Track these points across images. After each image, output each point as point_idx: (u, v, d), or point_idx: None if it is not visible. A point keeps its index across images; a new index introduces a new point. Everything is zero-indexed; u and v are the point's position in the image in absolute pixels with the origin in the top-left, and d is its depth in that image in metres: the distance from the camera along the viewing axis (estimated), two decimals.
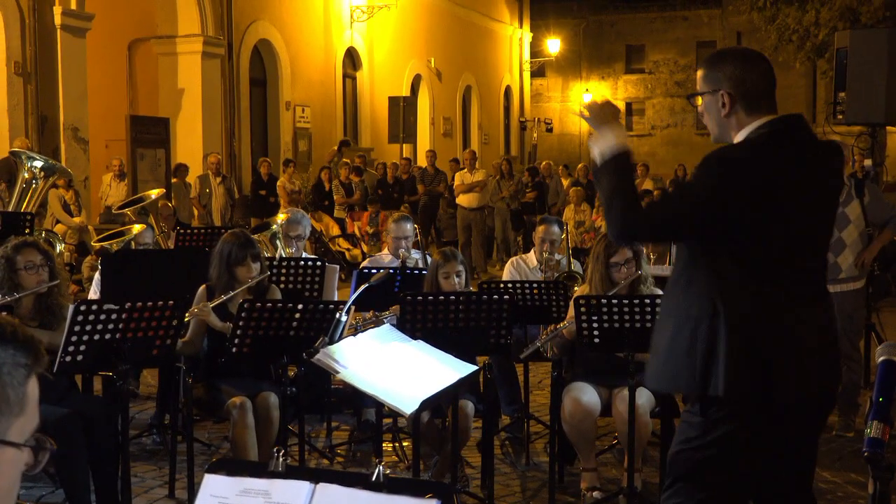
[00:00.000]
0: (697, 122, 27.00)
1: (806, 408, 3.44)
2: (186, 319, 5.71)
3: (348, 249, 16.77)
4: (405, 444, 6.71)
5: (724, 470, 3.35)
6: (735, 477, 3.39)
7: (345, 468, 6.40)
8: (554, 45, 35.63)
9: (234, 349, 5.39)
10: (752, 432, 3.32)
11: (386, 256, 7.57)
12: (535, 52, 34.89)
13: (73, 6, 15.16)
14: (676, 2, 37.50)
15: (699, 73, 3.54)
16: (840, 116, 8.51)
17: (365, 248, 16.35)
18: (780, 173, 3.36)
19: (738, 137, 3.42)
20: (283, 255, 7.60)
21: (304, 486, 2.21)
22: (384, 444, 6.31)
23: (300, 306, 5.50)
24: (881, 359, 2.25)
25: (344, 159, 19.41)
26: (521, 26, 33.19)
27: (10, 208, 9.63)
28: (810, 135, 3.57)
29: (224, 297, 5.84)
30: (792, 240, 3.37)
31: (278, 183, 17.49)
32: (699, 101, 3.52)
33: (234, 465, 2.31)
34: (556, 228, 7.22)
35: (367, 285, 4.88)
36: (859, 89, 8.40)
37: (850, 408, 7.17)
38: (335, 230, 17.16)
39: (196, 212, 16.56)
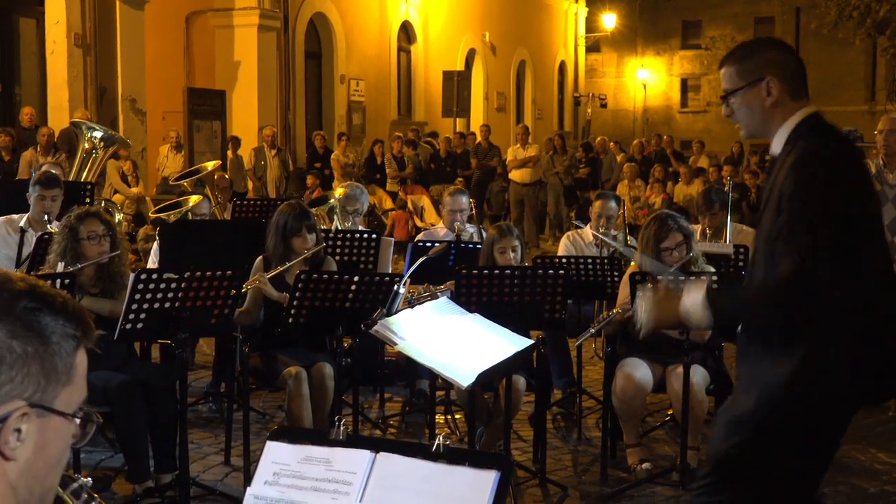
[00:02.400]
0: None
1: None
2: (244, 290, 5.76)
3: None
4: (457, 416, 6.74)
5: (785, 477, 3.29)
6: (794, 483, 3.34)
7: (397, 440, 6.43)
8: (609, 20, 35.29)
9: (290, 320, 5.42)
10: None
11: (441, 230, 7.57)
12: (591, 27, 34.60)
13: None
14: None
15: (729, 70, 3.33)
16: None
17: (417, 222, 16.35)
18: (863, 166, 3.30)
19: (785, 128, 3.24)
20: (339, 228, 7.62)
21: (364, 455, 2.22)
22: (437, 417, 6.33)
23: (356, 278, 5.52)
24: None
25: (397, 133, 19.39)
26: (576, 1, 32.89)
27: (71, 178, 9.74)
28: None
29: (280, 268, 5.87)
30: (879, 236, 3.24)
31: (332, 156, 17.52)
32: (734, 101, 3.32)
33: (296, 433, 2.32)
34: (613, 204, 7.17)
35: (424, 258, 4.88)
36: None
37: None
38: (388, 203, 17.17)
39: (251, 184, 16.65)
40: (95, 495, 1.65)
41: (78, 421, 1.53)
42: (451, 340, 4.09)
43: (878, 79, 33.00)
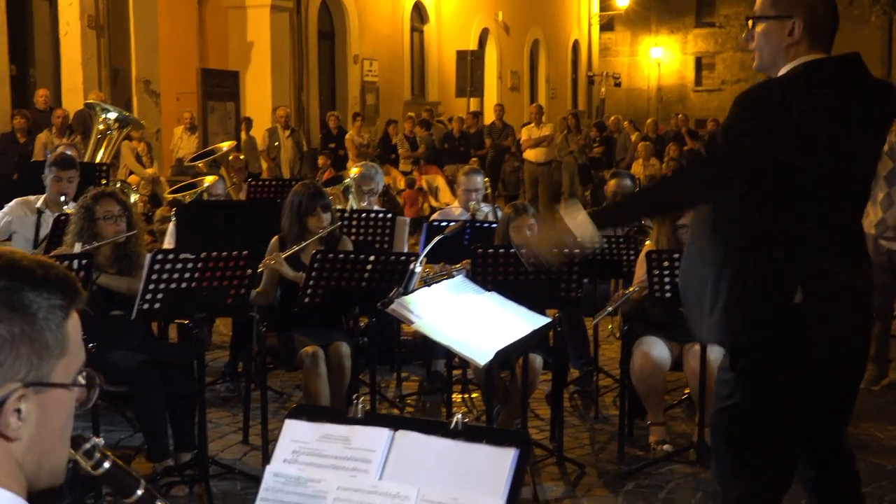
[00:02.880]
0: None
1: (840, 362, 3.28)
2: (260, 270, 5.77)
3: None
4: (474, 395, 6.75)
5: (762, 429, 3.23)
6: (774, 436, 3.23)
7: (416, 418, 6.44)
8: None
9: (306, 299, 5.43)
10: (785, 386, 3.18)
11: (456, 209, 7.56)
12: (604, 5, 34.43)
13: None
14: None
15: None
16: None
17: (432, 202, 16.35)
18: (816, 108, 3.17)
19: (785, 69, 3.23)
20: (354, 208, 7.63)
21: (383, 433, 2.21)
22: (454, 396, 6.34)
23: (372, 257, 5.52)
24: None
25: (409, 113, 19.35)
26: None
27: (86, 159, 9.77)
28: (864, 72, 3.32)
29: (296, 248, 5.89)
30: (829, 180, 3.18)
31: (347, 136, 17.52)
32: (758, 27, 3.27)
33: (315, 412, 2.32)
34: (628, 182, 7.17)
35: (440, 237, 4.87)
36: None
37: None
38: (402, 183, 17.16)
39: (265, 164, 16.66)
40: (108, 453, 1.62)
41: (78, 389, 1.52)
42: (467, 319, 4.09)
43: (893, 55, 32.89)
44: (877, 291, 7.19)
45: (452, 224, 6.18)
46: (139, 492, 1.64)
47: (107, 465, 1.61)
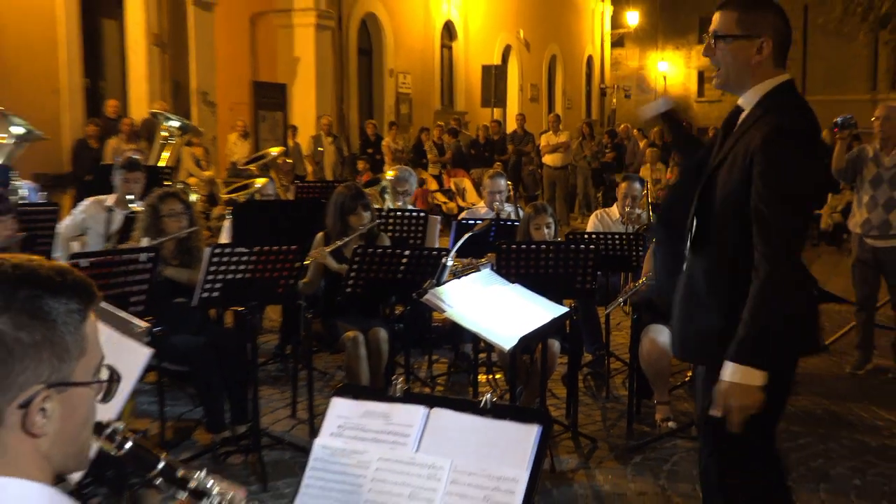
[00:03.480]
0: None
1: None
2: (307, 262, 5.81)
3: (444, 202, 16.78)
4: (498, 376, 6.76)
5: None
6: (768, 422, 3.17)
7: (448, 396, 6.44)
8: (633, 17, 35.00)
9: (348, 289, 5.45)
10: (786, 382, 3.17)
11: (482, 209, 7.56)
12: (616, 23, 34.29)
13: None
14: None
15: (730, 15, 3.03)
16: None
17: (460, 202, 16.35)
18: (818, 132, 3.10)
19: (761, 88, 3.03)
20: (391, 207, 7.64)
21: (420, 410, 2.22)
22: (479, 377, 6.35)
23: (407, 252, 5.54)
24: None
25: (438, 122, 19.35)
26: (602, 1, 32.58)
27: (151, 163, 9.83)
28: None
29: (339, 243, 5.92)
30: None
31: (383, 143, 17.54)
32: (721, 44, 3.04)
33: (358, 390, 2.34)
34: (638, 185, 7.14)
35: (470, 234, 4.88)
36: None
37: None
38: (433, 185, 17.18)
39: (309, 168, 16.70)
40: (128, 434, 1.59)
41: (99, 385, 1.50)
42: (493, 308, 4.10)
43: (879, 70, 32.52)
44: (862, 285, 7.21)
45: (480, 222, 6.21)
46: (160, 465, 1.62)
47: (128, 445, 1.58)
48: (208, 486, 1.65)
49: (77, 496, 3.22)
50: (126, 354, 2.61)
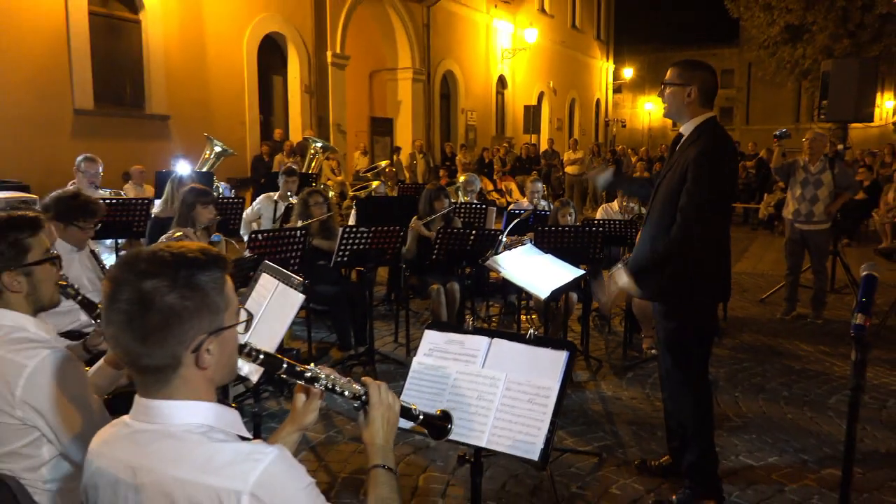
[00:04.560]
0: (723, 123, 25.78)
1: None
2: (410, 227, 5.80)
3: (497, 199, 16.62)
4: (533, 316, 6.68)
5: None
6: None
7: (503, 330, 6.39)
8: (628, 72, 34.22)
9: (434, 256, 5.43)
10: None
11: (524, 203, 7.46)
12: (616, 76, 33.53)
13: (338, 50, 15.31)
14: (708, 42, 35.29)
15: (673, 70, 3.15)
16: (823, 116, 7.94)
17: (508, 199, 16.20)
18: (736, 154, 3.17)
19: (694, 121, 3.11)
20: (462, 201, 7.58)
21: (485, 339, 2.20)
22: (522, 317, 6.29)
23: (473, 232, 5.49)
24: (864, 273, 2.06)
25: (495, 145, 19.15)
26: (607, 60, 31.86)
27: (303, 171, 9.93)
28: None
29: (429, 219, 5.93)
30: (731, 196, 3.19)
31: (457, 158, 17.45)
32: (667, 89, 3.15)
33: (442, 325, 2.31)
34: None
35: (517, 220, 4.80)
36: (836, 97, 7.80)
37: (820, 305, 6.82)
38: (489, 186, 17.04)
39: (407, 174, 16.69)
40: (260, 349, 1.54)
41: (242, 324, 1.45)
42: (533, 270, 4.03)
43: (801, 108, 31.58)
44: (791, 257, 6.96)
45: (524, 212, 6.12)
46: (284, 365, 1.58)
47: (261, 356, 1.54)
48: (319, 373, 1.63)
49: (254, 392, 3.25)
50: (287, 298, 2.61)
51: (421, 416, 1.77)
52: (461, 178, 8.36)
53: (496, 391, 2.08)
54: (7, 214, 1.94)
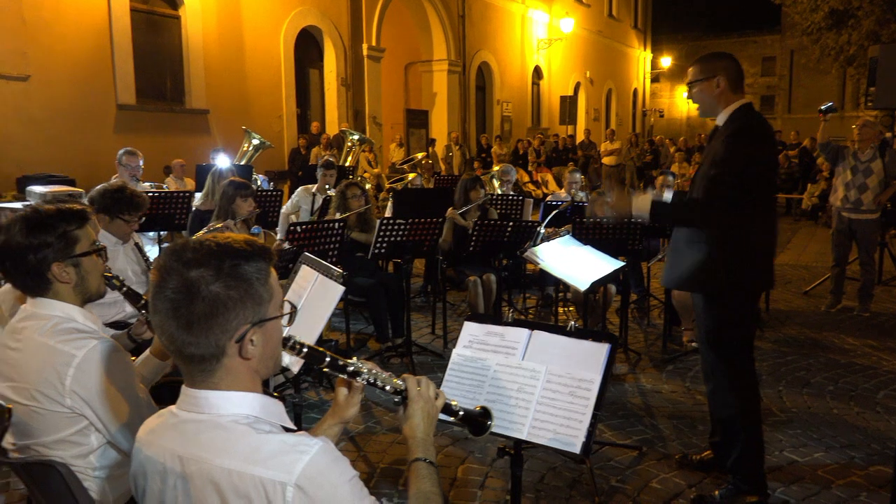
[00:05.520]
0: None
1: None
2: (447, 216, 5.79)
3: (533, 190, 16.53)
4: (570, 308, 6.62)
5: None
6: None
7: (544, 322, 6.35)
8: (666, 61, 33.61)
9: (471, 247, 5.40)
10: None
11: (561, 194, 7.39)
12: (654, 66, 33.02)
13: (374, 43, 15.35)
14: (749, 30, 34.54)
15: (695, 68, 3.11)
16: (870, 103, 7.68)
17: (544, 190, 16.09)
18: (773, 139, 3.08)
19: (728, 111, 3.05)
20: (499, 193, 7.54)
21: (525, 332, 2.17)
22: (559, 309, 6.24)
23: (510, 223, 5.46)
24: None
25: (529, 136, 19.02)
26: (644, 49, 31.40)
27: (340, 164, 9.98)
28: None
29: (465, 208, 5.91)
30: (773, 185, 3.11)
31: (492, 149, 17.40)
32: (694, 88, 3.11)
33: (482, 317, 2.29)
34: (671, 178, 6.84)
35: (556, 212, 4.75)
36: (884, 84, 7.55)
37: (867, 297, 6.63)
38: (525, 178, 16.94)
39: (443, 166, 16.68)
40: (304, 342, 1.54)
41: (286, 316, 1.45)
42: (573, 262, 3.99)
43: (846, 95, 30.69)
44: (838, 248, 6.79)
45: (562, 203, 6.06)
46: (327, 359, 1.58)
47: (305, 350, 1.54)
48: (361, 368, 1.63)
49: (294, 383, 3.28)
50: (327, 290, 2.62)
51: (461, 412, 1.77)
52: (496, 168, 8.32)
53: (537, 383, 2.06)
54: (55, 207, 1.97)
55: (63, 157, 9.95)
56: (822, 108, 6.60)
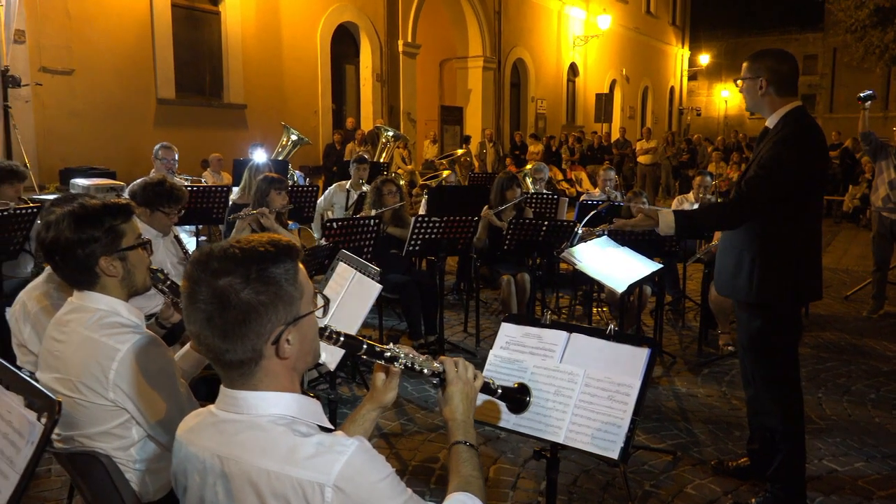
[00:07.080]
0: None
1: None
2: (482, 215, 5.76)
3: (567, 188, 16.40)
4: (604, 309, 6.56)
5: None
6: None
7: (583, 325, 6.31)
8: (704, 58, 33.14)
9: (505, 246, 5.38)
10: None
11: (596, 192, 7.32)
12: (691, 63, 32.54)
13: (409, 39, 15.36)
14: (790, 27, 33.84)
15: (745, 64, 3.07)
16: None
17: (578, 188, 15.96)
18: (824, 145, 2.99)
19: (777, 114, 2.98)
20: (532, 191, 7.50)
21: (563, 334, 2.14)
22: (593, 310, 6.18)
23: (545, 223, 5.42)
24: None
25: (564, 133, 18.88)
26: (682, 47, 30.94)
27: (374, 159, 10.01)
28: None
29: (501, 208, 5.88)
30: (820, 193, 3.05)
31: (529, 150, 17.31)
32: (741, 83, 3.07)
33: (520, 318, 2.27)
34: (708, 178, 6.72)
35: (594, 212, 4.70)
36: None
37: None
38: (559, 176, 16.81)
39: (476, 163, 16.62)
40: (340, 331, 1.53)
41: (319, 310, 1.43)
42: (610, 263, 3.95)
43: (890, 94, 29.92)
44: (879, 251, 6.62)
45: (600, 203, 6.01)
46: (364, 346, 1.58)
47: (342, 338, 1.54)
48: (398, 352, 1.65)
49: (330, 377, 3.29)
50: (364, 287, 2.62)
51: (500, 391, 1.80)
52: (529, 166, 8.28)
53: (574, 387, 2.04)
54: (101, 202, 2.00)
55: (104, 150, 10.14)
56: (861, 95, 6.41)
